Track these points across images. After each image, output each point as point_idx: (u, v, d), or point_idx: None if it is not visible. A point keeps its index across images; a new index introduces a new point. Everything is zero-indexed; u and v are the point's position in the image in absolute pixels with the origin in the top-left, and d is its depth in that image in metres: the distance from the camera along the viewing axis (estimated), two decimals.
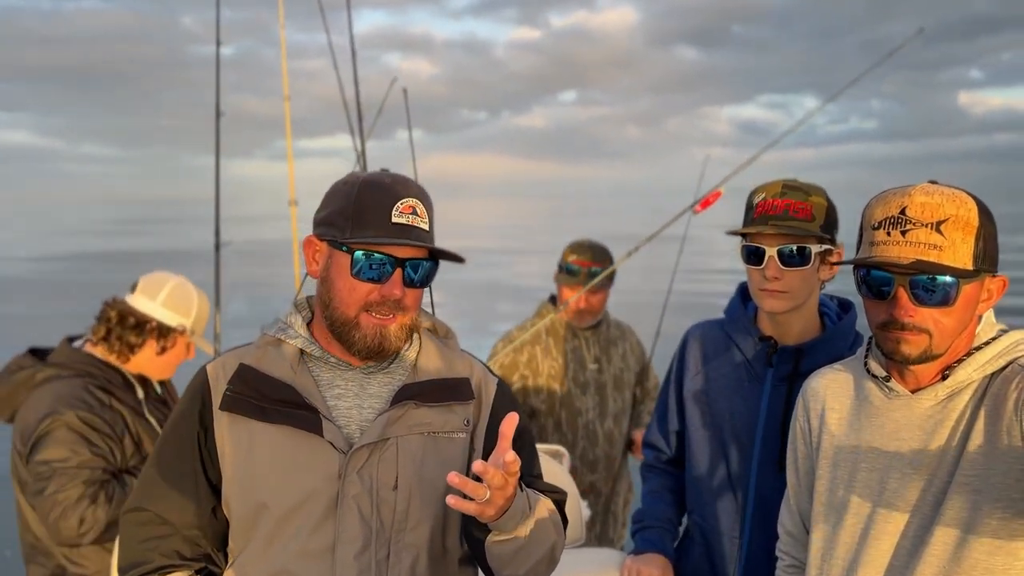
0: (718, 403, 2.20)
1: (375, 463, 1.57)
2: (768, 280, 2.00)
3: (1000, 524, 1.45)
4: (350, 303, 1.56)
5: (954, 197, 1.48)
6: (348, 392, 1.62)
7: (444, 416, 1.64)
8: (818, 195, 2.03)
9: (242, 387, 1.58)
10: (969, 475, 1.49)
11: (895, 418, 1.60)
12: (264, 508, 1.56)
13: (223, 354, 1.69)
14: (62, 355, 2.63)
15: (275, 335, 1.65)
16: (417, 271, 1.57)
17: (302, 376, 1.61)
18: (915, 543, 1.55)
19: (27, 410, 2.52)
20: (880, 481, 1.60)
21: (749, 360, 2.16)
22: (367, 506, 1.56)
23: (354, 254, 1.54)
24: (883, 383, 1.62)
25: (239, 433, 1.58)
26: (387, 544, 1.57)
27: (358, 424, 1.60)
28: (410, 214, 1.55)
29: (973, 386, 1.53)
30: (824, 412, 1.73)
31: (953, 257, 1.46)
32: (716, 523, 2.21)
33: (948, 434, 1.53)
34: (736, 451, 2.16)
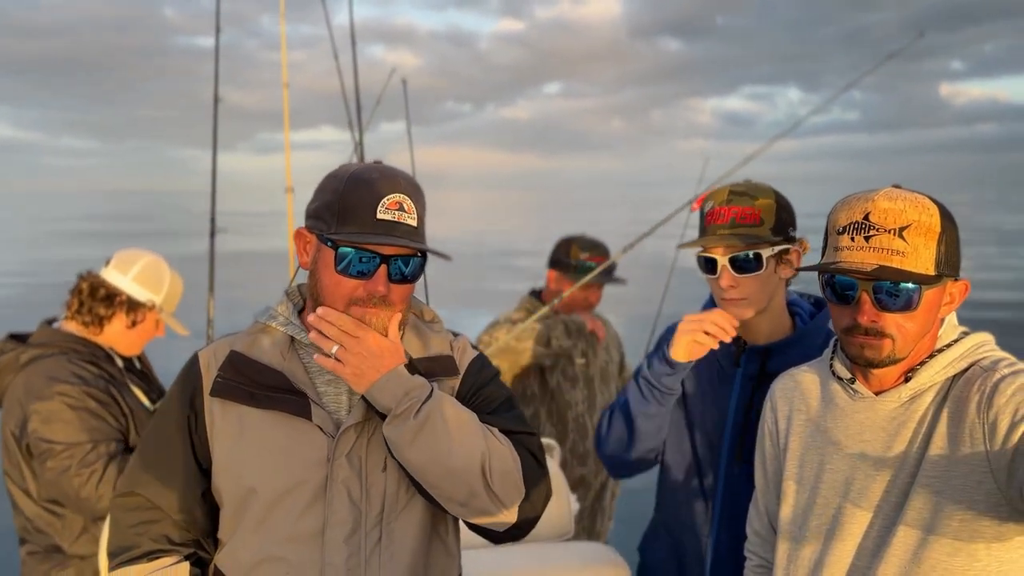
0: (692, 403, 2.21)
1: (363, 446, 1.58)
2: (724, 289, 2.01)
3: (961, 525, 1.47)
4: (336, 298, 1.56)
5: (917, 203, 1.49)
6: (337, 378, 1.63)
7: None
8: (766, 197, 2.01)
9: (232, 373, 1.60)
10: (931, 476, 1.50)
11: (859, 419, 1.62)
12: (253, 493, 1.57)
13: (215, 341, 1.70)
14: (43, 335, 2.66)
15: (266, 322, 1.67)
16: (403, 267, 1.56)
17: (291, 363, 1.62)
18: (877, 543, 1.56)
19: (18, 391, 2.53)
20: (845, 482, 1.62)
21: (719, 361, 2.16)
22: (356, 489, 1.57)
23: (338, 250, 1.54)
24: (848, 385, 1.64)
25: (229, 418, 1.59)
26: (378, 526, 1.58)
27: (347, 409, 1.61)
28: (396, 210, 1.54)
29: (935, 388, 1.55)
30: (791, 413, 1.75)
31: (915, 263, 1.47)
32: (685, 520, 2.22)
33: (911, 435, 1.54)
34: (706, 450, 2.17)
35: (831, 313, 1.60)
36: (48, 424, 2.46)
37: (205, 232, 3.43)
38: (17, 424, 2.51)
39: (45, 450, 2.45)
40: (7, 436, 2.55)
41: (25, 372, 2.56)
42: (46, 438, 2.45)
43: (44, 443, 2.45)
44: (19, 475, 2.56)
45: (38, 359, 2.58)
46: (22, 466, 2.55)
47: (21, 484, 2.57)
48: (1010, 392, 1.43)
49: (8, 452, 2.57)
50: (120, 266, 2.76)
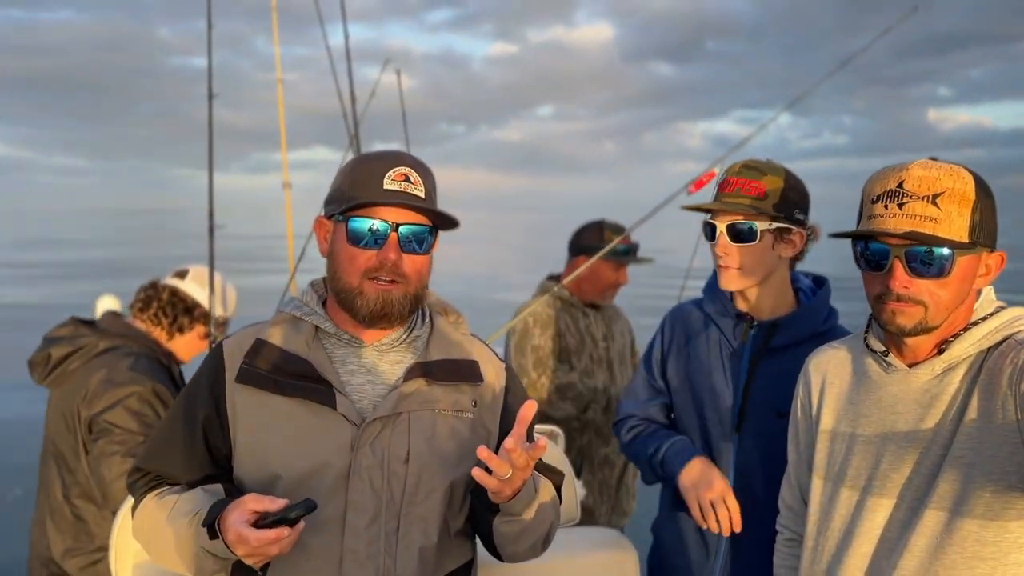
0: (699, 380, 2.23)
1: (387, 436, 1.60)
2: (719, 256, 2.08)
3: (992, 498, 1.48)
4: (351, 271, 1.60)
5: (951, 171, 1.50)
6: (361, 368, 1.66)
7: (453, 395, 1.67)
8: (775, 175, 2.07)
9: (258, 360, 1.62)
10: (963, 448, 1.50)
11: (892, 392, 1.62)
12: (277, 479, 1.59)
13: (239, 331, 1.73)
14: (118, 327, 2.74)
15: (291, 312, 1.69)
16: (413, 237, 1.60)
17: (316, 352, 1.64)
18: (909, 515, 1.57)
19: (97, 375, 2.59)
20: (876, 455, 1.62)
21: (727, 337, 2.20)
22: (378, 478, 1.59)
23: (349, 222, 1.58)
24: (881, 358, 1.64)
25: (253, 406, 1.61)
26: (397, 516, 1.60)
27: (370, 399, 1.63)
28: (402, 181, 1.59)
29: (969, 360, 1.55)
30: (824, 387, 1.76)
31: (949, 229, 1.47)
32: None
33: (944, 408, 1.55)
34: (717, 426, 2.18)
35: (864, 282, 1.60)
36: (116, 410, 2.53)
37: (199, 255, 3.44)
38: (90, 407, 2.57)
39: (103, 430, 2.52)
40: (68, 415, 2.62)
41: (104, 359, 2.63)
42: (110, 420, 2.53)
43: (106, 424, 2.53)
44: (73, 457, 2.62)
45: (118, 350, 2.66)
46: (76, 448, 2.61)
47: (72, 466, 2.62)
48: None
49: (62, 429, 2.63)
50: (199, 280, 2.86)
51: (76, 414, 2.59)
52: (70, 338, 2.68)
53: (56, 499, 2.65)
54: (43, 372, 2.69)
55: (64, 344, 2.67)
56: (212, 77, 3.22)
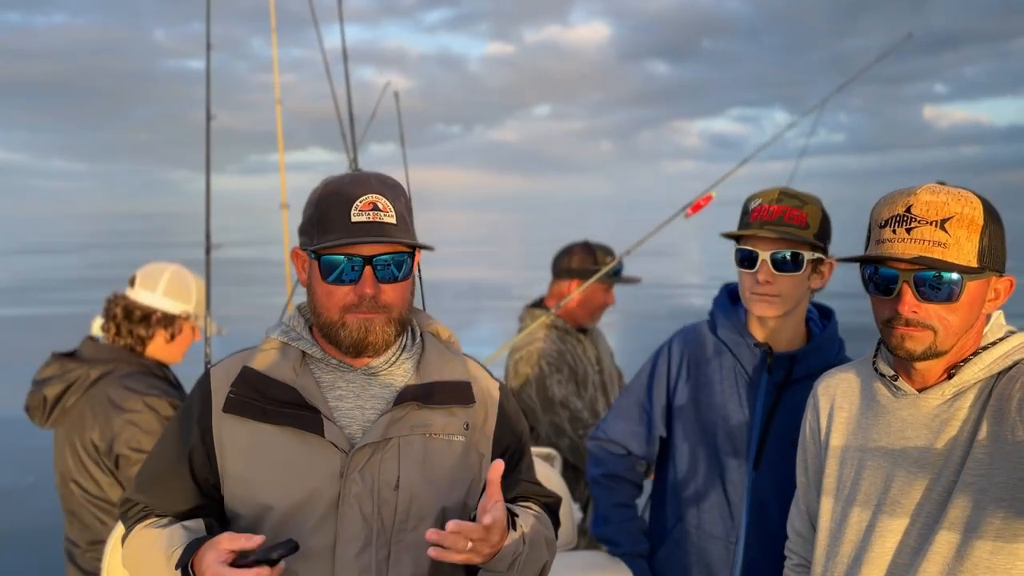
0: (711, 409, 2.19)
1: (377, 463, 1.58)
2: (760, 284, 2.03)
3: (1003, 524, 1.47)
4: (331, 307, 1.58)
5: (959, 196, 1.51)
6: (349, 393, 1.63)
7: (445, 418, 1.65)
8: (813, 204, 2.06)
9: (245, 389, 1.60)
10: (974, 475, 1.50)
11: (902, 417, 1.61)
12: (268, 509, 1.57)
13: (227, 358, 1.70)
14: (101, 352, 2.70)
15: (278, 337, 1.67)
16: (389, 267, 1.57)
17: (304, 378, 1.62)
18: (919, 541, 1.56)
19: (99, 405, 2.56)
20: (885, 479, 1.62)
21: (743, 366, 2.17)
22: (368, 505, 1.56)
23: (322, 260, 1.56)
24: (891, 382, 1.64)
25: (242, 435, 1.59)
26: (387, 544, 1.58)
27: (360, 424, 1.61)
28: (370, 210, 1.55)
29: (979, 385, 1.55)
30: (833, 411, 1.75)
31: (957, 254, 1.48)
32: (710, 529, 2.20)
33: (954, 434, 1.54)
34: (731, 457, 2.16)
35: (873, 306, 1.60)
36: (143, 434, 2.51)
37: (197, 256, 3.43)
38: (103, 437, 2.54)
39: (139, 460, 2.49)
40: (82, 448, 2.59)
41: (101, 387, 2.60)
42: (140, 447, 2.50)
43: (137, 452, 2.50)
44: (94, 485, 2.59)
45: (111, 374, 2.63)
46: (99, 476, 2.58)
47: (97, 494, 2.60)
48: None
49: (79, 464, 2.59)
50: (147, 283, 2.78)
51: (92, 446, 2.56)
52: (60, 375, 2.64)
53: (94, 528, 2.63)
54: (43, 415, 2.66)
55: (56, 383, 2.63)
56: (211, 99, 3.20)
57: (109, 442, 2.54)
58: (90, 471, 2.58)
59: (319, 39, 3.66)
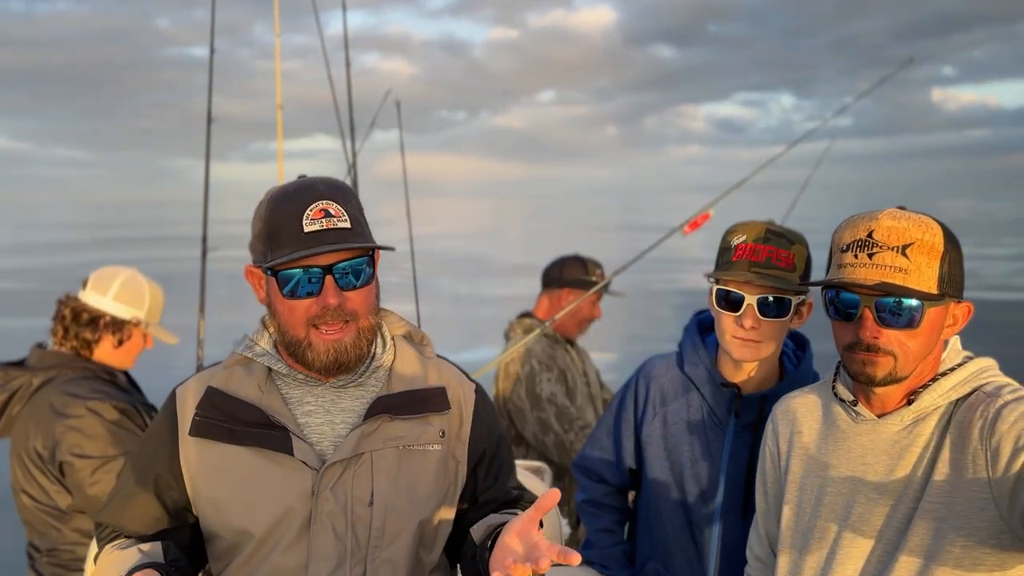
0: (678, 448, 2.12)
1: (349, 479, 1.54)
2: (743, 329, 1.92)
3: (963, 552, 1.46)
4: (294, 323, 1.52)
5: (920, 222, 1.50)
6: (319, 408, 1.59)
7: (419, 428, 1.60)
8: (799, 243, 1.95)
9: (210, 410, 1.56)
10: (934, 503, 1.49)
11: (861, 442, 1.60)
12: (243, 532, 1.54)
13: (192, 377, 1.66)
14: (45, 359, 2.65)
15: (243, 353, 1.62)
16: (350, 273, 1.51)
17: (270, 395, 1.58)
18: (879, 569, 1.55)
19: (41, 413, 2.53)
20: (846, 505, 1.61)
21: (711, 406, 2.08)
22: (341, 523, 1.53)
23: (279, 275, 1.50)
24: (850, 407, 1.63)
25: (210, 457, 1.55)
26: (363, 561, 1.54)
27: (331, 440, 1.57)
28: (322, 218, 1.48)
29: (939, 412, 1.54)
30: (792, 436, 1.74)
31: (919, 280, 1.47)
32: (678, 571, 2.15)
33: (914, 460, 1.53)
34: (698, 497, 2.09)
35: (834, 331, 1.58)
36: (85, 439, 2.47)
37: (197, 246, 3.41)
38: (45, 445, 2.50)
39: (83, 466, 2.46)
40: (27, 456, 2.54)
41: (43, 394, 2.56)
42: (84, 453, 2.46)
43: (79, 458, 2.46)
44: (42, 493, 2.55)
45: (52, 381, 2.58)
46: (45, 484, 2.54)
47: (47, 502, 2.56)
48: (1012, 419, 1.42)
49: (26, 473, 2.56)
50: (98, 287, 2.73)
51: (36, 454, 2.53)
52: (2, 385, 2.60)
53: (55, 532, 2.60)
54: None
55: (0, 392, 2.60)
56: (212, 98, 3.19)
57: (52, 449, 2.49)
58: (37, 479, 2.55)
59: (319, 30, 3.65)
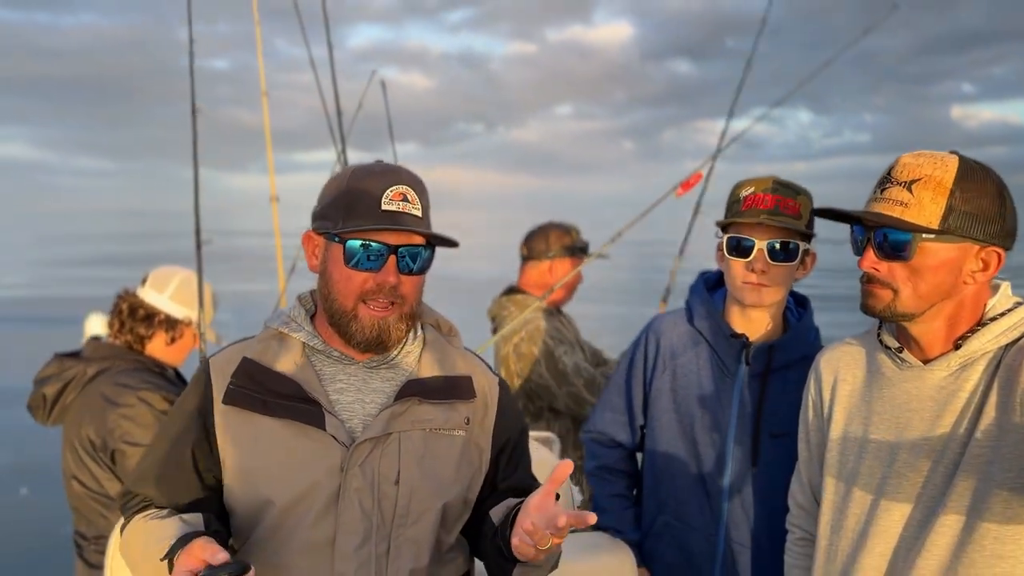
0: (688, 400, 2.18)
1: (377, 457, 1.57)
2: (754, 273, 2.02)
3: (1011, 495, 1.46)
4: (347, 293, 1.56)
5: (936, 159, 1.52)
6: (351, 387, 1.62)
7: (446, 413, 1.64)
8: (805, 195, 2.06)
9: (245, 381, 1.59)
10: (982, 448, 1.49)
11: (907, 389, 1.60)
12: (268, 503, 1.56)
13: (225, 347, 1.69)
14: (100, 350, 2.75)
15: (278, 328, 1.65)
16: (411, 258, 1.56)
17: (304, 370, 1.61)
18: (926, 515, 1.55)
19: (94, 401, 2.60)
20: (891, 453, 1.61)
21: (720, 357, 2.15)
22: (368, 500, 1.55)
23: (346, 244, 1.54)
24: (895, 354, 1.63)
25: (242, 427, 1.57)
26: (387, 538, 1.57)
27: (360, 419, 1.60)
28: (400, 201, 1.55)
29: (987, 357, 1.53)
30: (836, 384, 1.74)
31: (918, 215, 1.49)
32: (690, 520, 2.19)
33: (961, 406, 1.53)
34: (709, 448, 2.15)
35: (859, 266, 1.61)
36: (136, 427, 2.55)
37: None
38: (98, 432, 2.58)
39: (134, 454, 2.52)
40: (80, 444, 2.61)
41: (96, 384, 2.64)
42: (135, 441, 2.54)
43: (131, 446, 2.53)
44: (93, 481, 2.62)
45: (106, 372, 2.67)
46: (97, 472, 2.61)
47: (97, 489, 2.62)
48: None
49: (77, 460, 2.62)
50: (156, 285, 2.83)
51: (88, 442, 2.60)
52: (58, 374, 2.69)
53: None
54: (44, 413, 2.71)
55: (54, 381, 2.68)
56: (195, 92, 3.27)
57: (104, 437, 2.57)
58: (88, 467, 2.61)
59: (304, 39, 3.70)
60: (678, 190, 3.24)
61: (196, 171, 3.21)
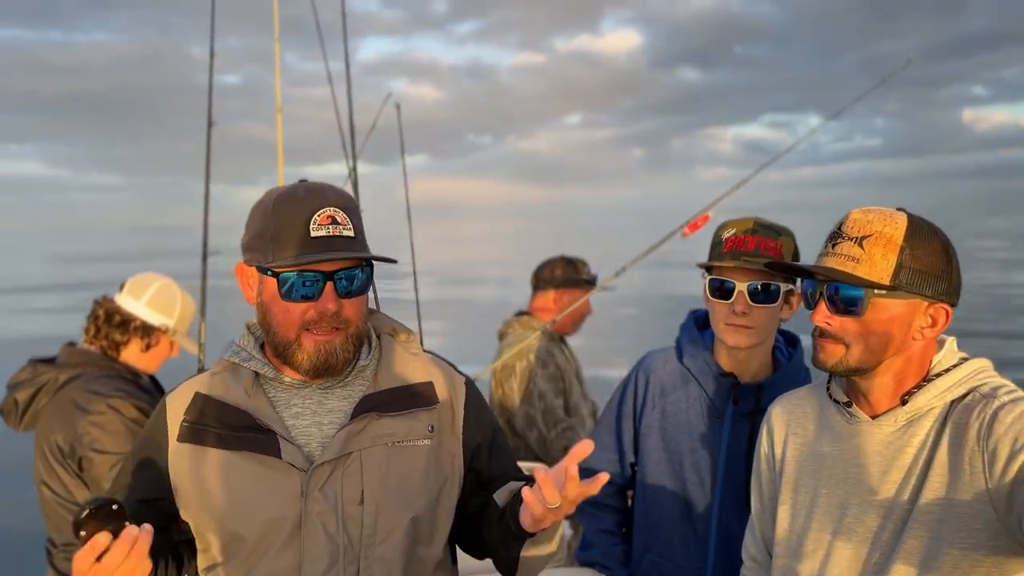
0: (677, 438, 2.17)
1: (339, 479, 1.54)
2: (735, 315, 2.01)
3: (961, 554, 1.45)
4: (288, 325, 1.53)
5: (885, 216, 1.53)
6: (306, 410, 1.60)
7: (408, 424, 1.61)
8: (787, 236, 2.06)
9: (198, 416, 1.57)
10: (931, 504, 1.48)
11: (856, 444, 1.60)
12: (232, 536, 1.54)
13: (181, 383, 1.67)
14: (73, 356, 2.75)
15: (230, 359, 1.63)
16: (348, 280, 1.53)
17: (257, 399, 1.58)
18: (876, 572, 1.54)
19: (64, 408, 2.61)
20: (841, 507, 1.60)
21: (709, 396, 2.14)
22: (332, 523, 1.53)
23: (279, 276, 1.50)
24: (844, 408, 1.63)
25: (199, 463, 1.56)
26: (356, 560, 1.54)
27: (319, 441, 1.57)
28: (329, 224, 1.50)
29: (934, 412, 1.53)
30: (787, 437, 1.74)
31: (869, 270, 1.50)
32: (677, 560, 2.18)
33: (909, 462, 1.53)
34: (697, 487, 2.13)
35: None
36: (105, 435, 2.55)
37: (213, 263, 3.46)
38: (67, 439, 2.58)
39: (101, 461, 2.53)
40: (49, 450, 2.62)
41: (68, 390, 2.64)
42: (103, 449, 2.54)
43: (99, 454, 2.54)
44: (62, 487, 2.62)
45: (78, 378, 2.67)
46: (65, 478, 2.61)
47: (66, 496, 2.62)
48: (1010, 420, 1.42)
49: (47, 467, 2.63)
50: (134, 291, 2.83)
51: (56, 448, 2.60)
52: (30, 379, 2.69)
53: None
54: (16, 418, 2.71)
55: (27, 386, 2.68)
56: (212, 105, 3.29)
57: (72, 444, 2.57)
58: (57, 473, 2.62)
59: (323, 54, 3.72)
60: (685, 230, 3.22)
61: (207, 182, 3.23)
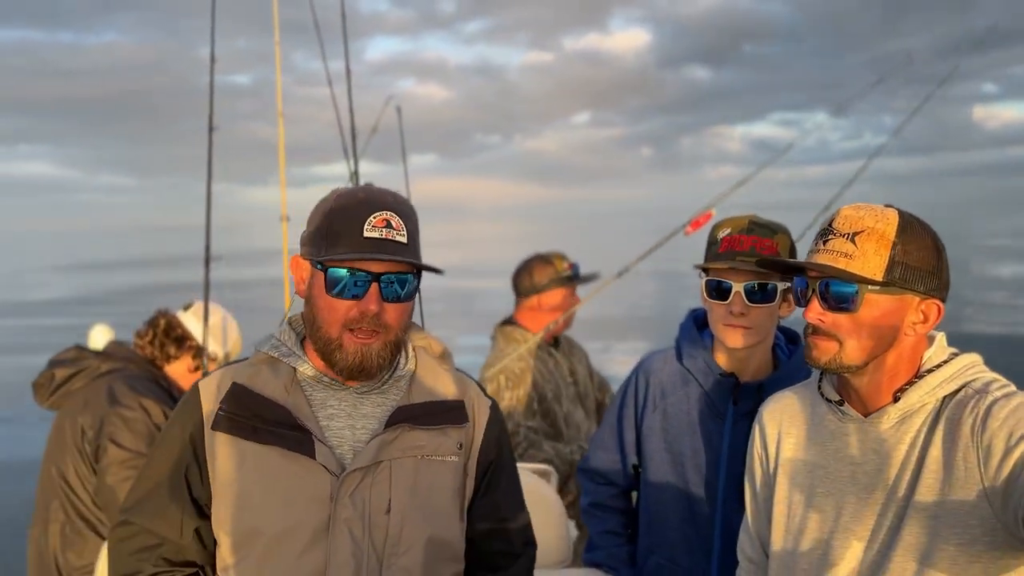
0: (679, 439, 2.16)
1: (368, 486, 1.54)
2: (733, 316, 2.00)
3: (958, 550, 1.45)
4: (331, 322, 1.54)
5: (876, 213, 1.52)
6: (341, 412, 1.60)
7: (438, 439, 1.61)
8: (783, 234, 2.04)
9: (235, 407, 1.56)
10: (926, 500, 1.48)
11: (849, 442, 1.60)
12: (256, 532, 1.53)
13: (215, 371, 1.66)
14: (122, 351, 2.86)
15: (268, 352, 1.63)
16: (394, 286, 1.53)
17: (295, 396, 1.58)
18: (873, 569, 1.54)
19: (99, 395, 2.68)
20: (836, 506, 1.60)
21: (710, 396, 2.13)
22: (359, 530, 1.53)
23: (328, 272, 1.52)
24: (836, 407, 1.62)
25: (231, 453, 1.55)
26: (379, 568, 1.54)
27: (351, 445, 1.58)
28: (383, 227, 1.51)
29: (927, 408, 1.53)
30: (780, 437, 1.73)
31: (862, 266, 1.49)
32: (681, 561, 2.17)
33: (902, 458, 1.52)
34: (700, 488, 2.13)
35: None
36: (126, 430, 2.62)
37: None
38: (92, 424, 2.65)
39: (115, 454, 2.60)
40: (71, 431, 2.69)
41: (106, 379, 2.74)
42: (120, 443, 2.60)
43: (115, 446, 2.60)
44: (71, 471, 2.68)
45: (121, 371, 2.77)
46: (75, 462, 2.67)
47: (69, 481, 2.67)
48: (1003, 415, 1.42)
49: (62, 447, 2.69)
50: (198, 314, 2.97)
51: (80, 431, 2.66)
52: (73, 360, 2.79)
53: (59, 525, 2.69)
54: (46, 393, 2.78)
55: (68, 366, 2.77)
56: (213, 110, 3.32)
57: (96, 430, 2.63)
58: (69, 453, 2.67)
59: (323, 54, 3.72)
60: (687, 228, 3.20)
61: (209, 186, 3.26)
